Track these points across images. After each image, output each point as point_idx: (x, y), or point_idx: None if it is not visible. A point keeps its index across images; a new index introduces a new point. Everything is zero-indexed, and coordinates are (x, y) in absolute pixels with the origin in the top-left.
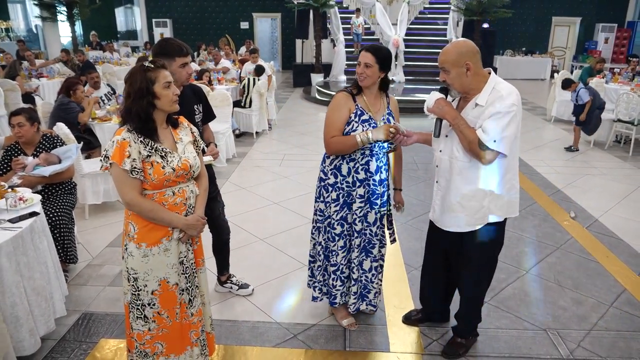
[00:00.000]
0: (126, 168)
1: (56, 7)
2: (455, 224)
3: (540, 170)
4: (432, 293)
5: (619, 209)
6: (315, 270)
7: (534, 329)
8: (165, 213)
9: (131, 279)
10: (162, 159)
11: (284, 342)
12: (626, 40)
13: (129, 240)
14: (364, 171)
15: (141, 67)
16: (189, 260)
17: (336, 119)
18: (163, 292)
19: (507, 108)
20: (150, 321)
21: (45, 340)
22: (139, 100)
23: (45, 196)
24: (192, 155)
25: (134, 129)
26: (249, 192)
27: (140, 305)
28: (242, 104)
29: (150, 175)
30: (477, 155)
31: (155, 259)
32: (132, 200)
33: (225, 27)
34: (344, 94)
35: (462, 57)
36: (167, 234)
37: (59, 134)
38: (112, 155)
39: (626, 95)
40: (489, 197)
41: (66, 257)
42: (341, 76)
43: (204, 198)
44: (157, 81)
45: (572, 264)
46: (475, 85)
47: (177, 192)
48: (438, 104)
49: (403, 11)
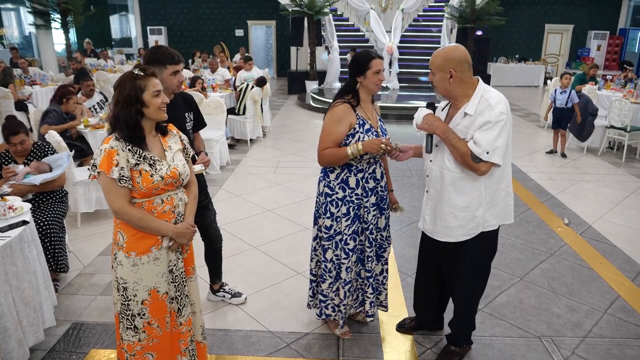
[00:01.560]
0: (114, 177)
1: (50, 14)
2: (447, 234)
3: (533, 176)
4: (426, 301)
5: (613, 215)
6: (327, 289)
7: (528, 337)
8: (154, 221)
9: (120, 288)
10: (151, 167)
11: (277, 352)
12: (618, 47)
13: (118, 249)
14: (372, 179)
15: (130, 74)
16: (179, 269)
17: (335, 132)
18: (153, 302)
19: (497, 117)
20: (140, 331)
21: (35, 351)
22: (127, 108)
23: (36, 204)
24: (182, 163)
25: (122, 137)
26: (243, 200)
27: (130, 316)
28: (236, 111)
29: (138, 184)
30: (472, 168)
31: (145, 268)
32: (120, 209)
33: (220, 34)
34: (346, 106)
35: (448, 64)
36: (156, 242)
37: (50, 141)
38: (100, 164)
39: (618, 101)
40: (484, 207)
41: (57, 266)
42: (335, 83)
43: (193, 206)
44: (147, 89)
45: (566, 271)
46: (462, 92)
47: (165, 200)
48: (427, 120)
49: (397, 18)
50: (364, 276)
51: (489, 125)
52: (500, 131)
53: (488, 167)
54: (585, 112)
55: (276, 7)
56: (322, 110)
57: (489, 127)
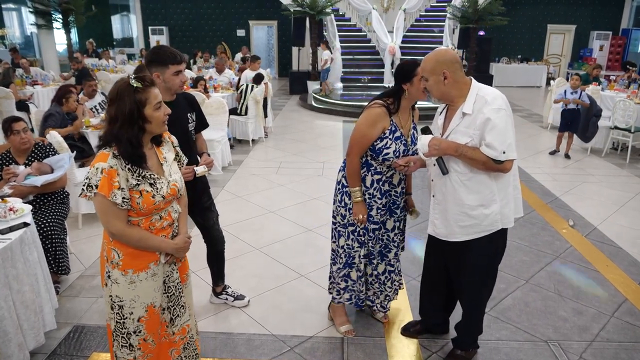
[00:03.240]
0: (117, 201)
1: (52, 14)
2: (464, 233)
3: (537, 177)
4: (431, 304)
5: (618, 216)
6: (335, 272)
7: (534, 341)
8: (153, 240)
9: (115, 306)
10: (152, 186)
11: (280, 355)
12: (621, 47)
13: (113, 267)
14: (388, 184)
15: (128, 87)
16: (173, 280)
17: (367, 135)
18: (150, 318)
19: (496, 112)
20: (135, 349)
21: (35, 354)
22: (129, 127)
23: (37, 206)
24: (179, 176)
25: (121, 155)
26: (245, 201)
27: (125, 334)
28: (238, 111)
29: (138, 205)
30: (498, 170)
31: (143, 284)
32: (119, 232)
33: (222, 34)
34: (383, 110)
35: (440, 66)
36: (154, 258)
37: (52, 142)
38: (99, 187)
39: (622, 102)
40: (500, 203)
41: (58, 268)
42: (337, 84)
43: (185, 215)
44: (148, 102)
45: (572, 273)
46: (457, 92)
47: (164, 215)
48: (433, 145)
49: (399, 19)
50: (369, 273)
51: (492, 124)
52: (505, 126)
53: (510, 163)
54: (589, 113)
55: (278, 7)
56: (323, 111)
57: (494, 126)
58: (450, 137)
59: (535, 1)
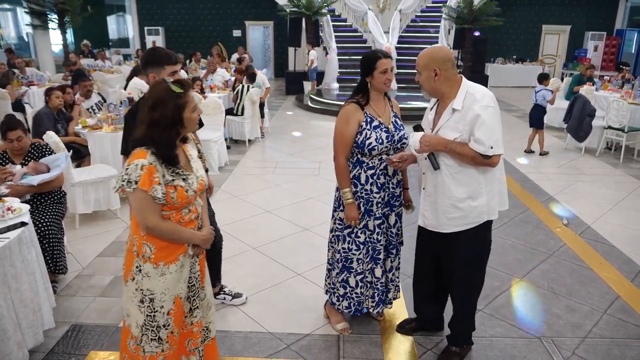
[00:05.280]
0: (158, 195)
1: (47, 14)
2: (452, 225)
3: (532, 177)
4: (423, 296)
5: (611, 215)
6: (334, 278)
7: (528, 337)
8: (185, 232)
9: (146, 300)
10: (184, 181)
11: (277, 353)
12: (615, 48)
13: (144, 261)
14: (383, 176)
15: (171, 93)
16: (195, 271)
17: (345, 132)
18: (177, 310)
19: (485, 109)
20: (164, 342)
21: (34, 353)
22: (169, 131)
23: (34, 206)
24: (203, 172)
25: (157, 156)
26: (241, 201)
27: (155, 327)
28: (234, 111)
29: (172, 199)
30: (486, 165)
31: (172, 276)
32: (155, 225)
33: (218, 34)
34: (353, 105)
35: (432, 62)
36: (184, 250)
37: (48, 142)
38: (140, 182)
39: (616, 102)
40: (487, 196)
41: (55, 268)
42: (334, 84)
43: (206, 208)
44: (187, 106)
45: (566, 271)
46: (448, 89)
47: (191, 209)
48: (424, 142)
49: (395, 19)
50: (377, 274)
51: (481, 120)
52: (493, 122)
53: (497, 158)
54: (583, 113)
55: (274, 7)
56: (320, 111)
57: (483, 122)
58: (440, 132)
59: (530, 2)
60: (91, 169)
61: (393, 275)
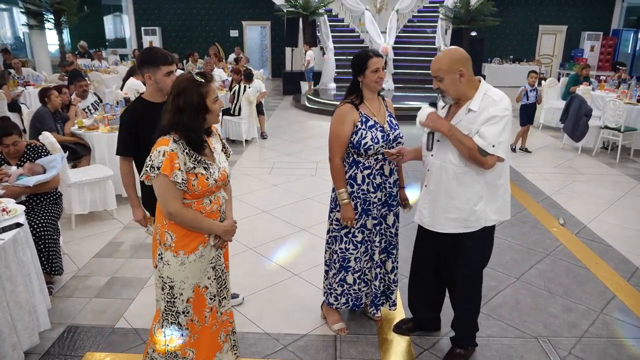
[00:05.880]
0: (177, 180)
1: (44, 14)
2: (449, 226)
3: (529, 177)
4: (420, 298)
5: (608, 215)
6: (331, 278)
7: (525, 337)
8: (205, 221)
9: (166, 287)
10: (205, 170)
11: (274, 353)
12: (611, 48)
13: (165, 250)
14: (379, 175)
15: (193, 82)
16: (220, 264)
17: (340, 133)
18: (196, 299)
19: (502, 112)
20: (183, 328)
21: (29, 354)
22: (196, 116)
23: (30, 207)
24: (226, 164)
25: (185, 141)
26: (238, 201)
27: (174, 312)
28: (231, 112)
29: (193, 187)
30: (479, 162)
31: (192, 265)
32: (176, 211)
33: (215, 35)
34: (347, 105)
35: (456, 64)
36: (204, 240)
37: (44, 143)
38: (162, 168)
39: (613, 102)
40: (485, 200)
41: (51, 269)
42: (331, 84)
43: (231, 202)
44: (209, 96)
45: (562, 271)
46: (470, 91)
47: (213, 200)
48: (431, 118)
49: (392, 19)
50: (374, 273)
51: (495, 120)
52: (504, 126)
53: (494, 160)
54: (580, 113)
55: (271, 7)
56: (317, 111)
57: (495, 122)
58: None
59: (527, 2)
60: (87, 169)
61: (395, 276)
